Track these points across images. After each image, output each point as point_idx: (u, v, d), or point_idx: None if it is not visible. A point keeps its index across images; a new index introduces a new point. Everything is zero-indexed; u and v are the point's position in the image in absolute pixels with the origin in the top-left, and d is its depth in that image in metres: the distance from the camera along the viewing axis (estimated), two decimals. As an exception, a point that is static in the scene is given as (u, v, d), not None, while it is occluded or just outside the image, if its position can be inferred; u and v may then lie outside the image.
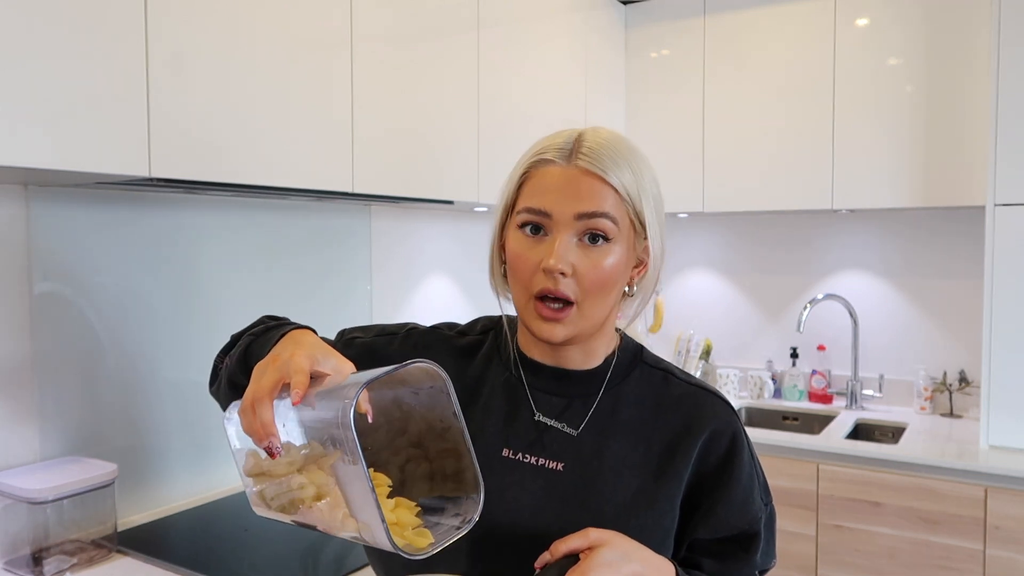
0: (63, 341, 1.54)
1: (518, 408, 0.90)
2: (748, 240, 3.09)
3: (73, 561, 1.40)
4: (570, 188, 0.82)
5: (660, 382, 0.92)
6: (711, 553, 0.89)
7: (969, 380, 2.64)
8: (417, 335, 0.98)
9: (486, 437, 0.88)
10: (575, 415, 0.89)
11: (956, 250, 2.70)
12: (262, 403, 0.70)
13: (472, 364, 0.94)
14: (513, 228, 0.86)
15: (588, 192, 0.81)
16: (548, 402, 0.90)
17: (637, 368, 0.93)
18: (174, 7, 1.32)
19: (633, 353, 0.94)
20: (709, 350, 3.05)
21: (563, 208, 0.81)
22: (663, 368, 0.94)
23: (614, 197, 0.82)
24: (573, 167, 0.82)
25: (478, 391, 0.92)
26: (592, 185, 0.81)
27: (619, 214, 0.82)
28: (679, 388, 0.91)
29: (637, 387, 0.91)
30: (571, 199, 0.81)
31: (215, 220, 1.83)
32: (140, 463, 1.68)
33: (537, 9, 2.41)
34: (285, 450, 0.71)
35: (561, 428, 0.88)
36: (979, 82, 2.34)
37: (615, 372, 0.91)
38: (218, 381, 0.94)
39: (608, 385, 0.90)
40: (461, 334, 0.98)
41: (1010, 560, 2.08)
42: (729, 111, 2.77)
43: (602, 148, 0.83)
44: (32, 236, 1.49)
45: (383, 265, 2.35)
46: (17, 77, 1.11)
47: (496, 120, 2.21)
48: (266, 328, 0.90)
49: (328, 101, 1.65)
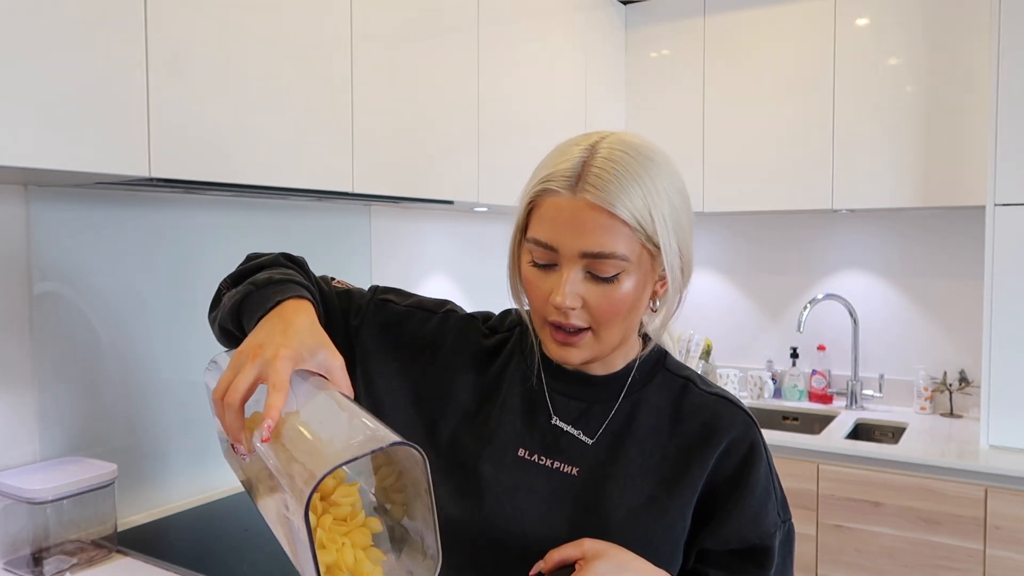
0: (63, 341, 1.54)
1: (536, 410, 0.89)
2: (748, 240, 3.09)
3: (73, 561, 1.40)
4: (576, 223, 0.77)
5: (680, 390, 0.90)
6: (720, 565, 0.86)
7: (969, 380, 2.64)
8: (454, 320, 0.95)
9: (502, 435, 0.87)
10: (593, 420, 0.87)
11: (956, 250, 2.70)
12: (232, 409, 0.68)
13: (495, 363, 0.93)
14: (525, 251, 0.83)
15: (593, 228, 0.76)
16: (567, 406, 0.88)
17: (659, 375, 0.91)
18: (174, 7, 1.32)
19: (656, 360, 0.92)
20: (709, 350, 3.05)
21: (569, 244, 0.77)
22: (684, 376, 0.91)
23: (624, 230, 0.77)
24: (579, 200, 0.77)
25: (498, 388, 0.91)
26: (597, 220, 0.76)
27: (630, 248, 0.78)
28: (699, 397, 0.89)
29: (657, 394, 0.89)
30: (577, 235, 0.77)
31: (215, 220, 1.83)
32: (140, 463, 1.68)
33: (537, 9, 2.41)
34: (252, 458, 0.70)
35: (577, 435, 0.87)
36: (979, 82, 2.34)
37: (636, 378, 0.89)
38: (216, 312, 0.90)
39: (628, 391, 0.89)
40: (491, 330, 0.96)
41: (1010, 560, 2.08)
42: (729, 111, 2.77)
43: (610, 173, 0.76)
44: (32, 236, 1.49)
45: (383, 265, 2.35)
46: (17, 77, 1.11)
47: (496, 120, 2.21)
48: (269, 280, 0.84)
49: (328, 101, 1.65)
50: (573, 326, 0.80)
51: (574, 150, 0.80)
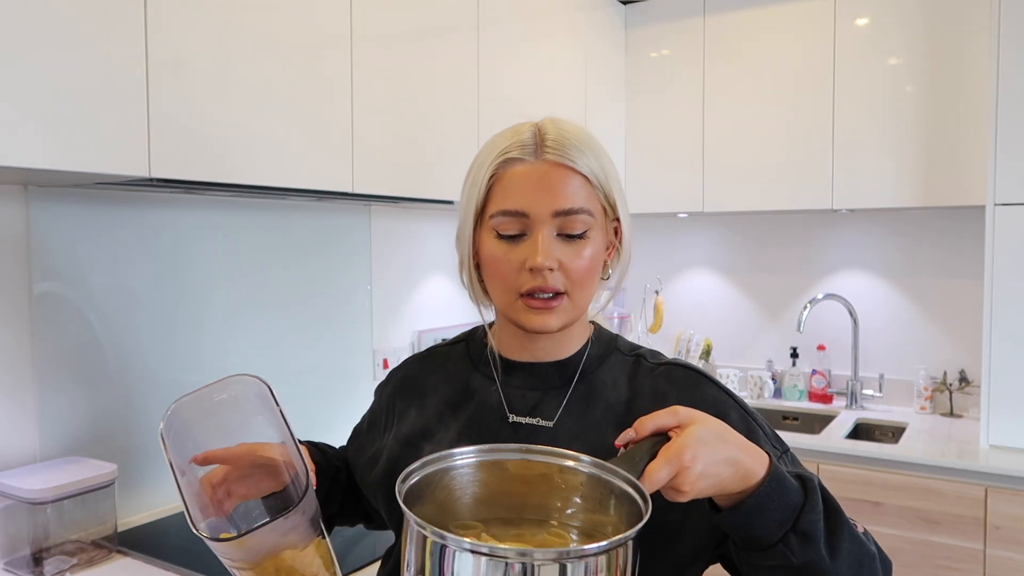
0: (63, 341, 1.54)
1: (492, 410, 0.90)
2: (748, 240, 3.09)
3: (73, 561, 1.40)
4: (543, 184, 0.82)
5: (632, 365, 0.91)
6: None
7: (969, 380, 2.64)
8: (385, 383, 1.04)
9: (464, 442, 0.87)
10: (549, 407, 0.88)
11: (956, 250, 2.70)
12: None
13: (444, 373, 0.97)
14: (486, 231, 0.86)
15: (561, 185, 0.81)
16: (522, 398, 0.90)
17: (612, 356, 0.92)
18: (174, 7, 1.32)
19: (607, 342, 0.94)
20: (709, 350, 3.05)
21: (540, 206, 0.81)
22: (636, 353, 0.93)
23: (586, 186, 0.83)
24: (542, 162, 0.82)
25: (454, 399, 0.93)
26: (564, 177, 0.82)
27: (592, 204, 0.84)
28: (649, 369, 0.90)
29: (611, 373, 0.90)
30: (546, 195, 0.81)
31: (215, 220, 1.83)
32: (140, 463, 1.68)
33: (537, 9, 2.41)
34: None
35: (536, 423, 0.87)
36: (979, 82, 2.34)
37: (588, 361, 0.91)
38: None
39: (582, 374, 0.90)
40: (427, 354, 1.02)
41: (1010, 560, 2.08)
42: (729, 111, 2.77)
43: (566, 138, 0.83)
44: (32, 236, 1.49)
45: (383, 265, 2.35)
46: (17, 77, 1.11)
47: (496, 120, 2.20)
48: None
49: (328, 101, 1.65)
50: (551, 289, 0.82)
51: (522, 127, 0.87)
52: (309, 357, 2.10)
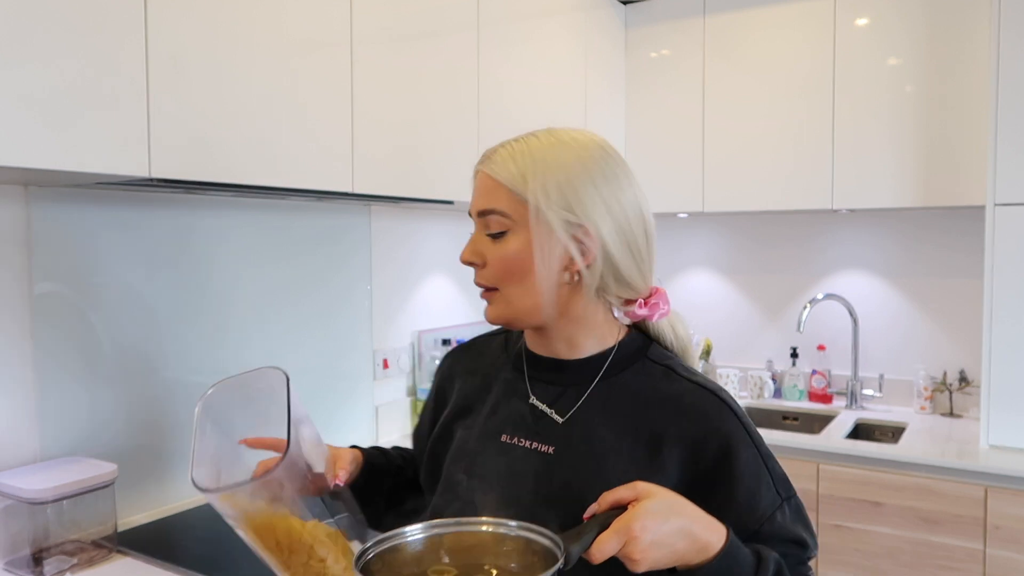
0: (63, 341, 1.54)
1: (518, 396, 0.96)
2: (748, 240, 3.09)
3: (73, 561, 1.40)
4: (476, 190, 0.93)
5: (660, 377, 0.92)
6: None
7: (969, 380, 2.64)
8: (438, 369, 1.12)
9: (489, 424, 0.96)
10: (567, 402, 0.93)
11: (956, 250, 2.70)
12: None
13: (482, 361, 1.05)
14: None
15: (482, 191, 0.91)
16: (544, 390, 0.95)
17: (639, 362, 0.94)
18: (174, 7, 1.32)
19: (638, 348, 0.95)
20: (709, 350, 3.05)
21: (472, 209, 0.93)
22: (666, 364, 0.94)
23: (502, 190, 0.88)
24: (479, 171, 0.92)
25: (487, 385, 1.01)
26: (484, 183, 0.91)
27: (512, 208, 0.88)
28: (678, 383, 0.91)
29: (635, 379, 0.92)
30: (474, 200, 0.92)
31: (215, 220, 1.83)
32: (140, 463, 1.68)
33: (537, 9, 2.41)
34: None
35: (551, 414, 0.92)
36: (979, 82, 2.34)
37: (613, 364, 0.93)
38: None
39: (604, 375, 0.92)
40: (471, 344, 1.11)
41: (1010, 560, 2.08)
42: (729, 111, 2.77)
43: (506, 149, 0.90)
44: (32, 236, 1.49)
45: (383, 265, 2.35)
46: (18, 77, 1.11)
47: (496, 120, 2.21)
48: None
49: (328, 101, 1.65)
50: (480, 283, 0.92)
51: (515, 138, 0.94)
52: (309, 357, 2.10)
